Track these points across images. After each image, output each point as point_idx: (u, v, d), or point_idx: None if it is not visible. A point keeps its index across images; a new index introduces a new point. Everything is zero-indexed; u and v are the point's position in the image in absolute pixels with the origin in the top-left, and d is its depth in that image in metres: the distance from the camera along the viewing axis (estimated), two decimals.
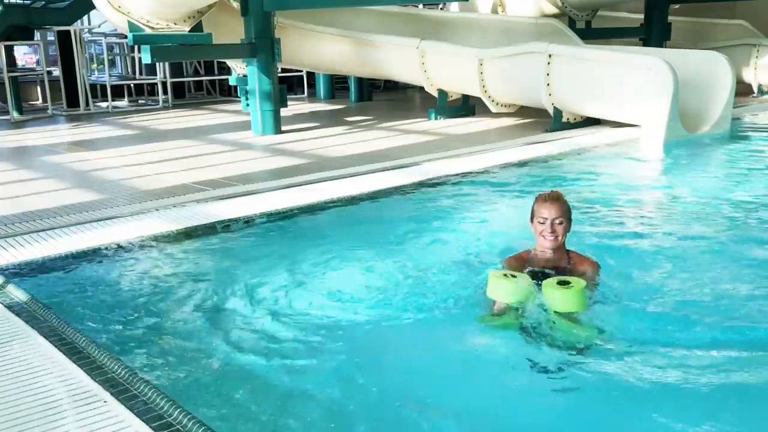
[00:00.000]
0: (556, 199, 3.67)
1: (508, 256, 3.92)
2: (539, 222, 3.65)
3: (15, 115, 13.13)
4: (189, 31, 10.04)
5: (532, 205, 3.74)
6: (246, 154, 8.94)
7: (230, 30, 10.49)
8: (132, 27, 9.76)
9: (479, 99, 11.20)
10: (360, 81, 15.22)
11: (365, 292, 3.94)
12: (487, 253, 4.39)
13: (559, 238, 3.64)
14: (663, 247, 4.71)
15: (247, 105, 11.00)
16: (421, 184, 6.61)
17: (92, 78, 16.25)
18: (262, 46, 10.04)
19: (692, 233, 5.04)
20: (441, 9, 16.47)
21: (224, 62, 14.93)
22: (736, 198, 6.09)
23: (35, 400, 2.67)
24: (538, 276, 3.54)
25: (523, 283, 3.37)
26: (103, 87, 15.37)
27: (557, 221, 3.62)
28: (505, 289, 3.37)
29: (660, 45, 13.86)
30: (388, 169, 7.24)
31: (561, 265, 3.73)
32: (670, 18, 14.61)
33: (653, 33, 14.26)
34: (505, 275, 3.42)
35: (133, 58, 16.95)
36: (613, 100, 9.47)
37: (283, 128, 10.60)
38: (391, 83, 17.84)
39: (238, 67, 12.14)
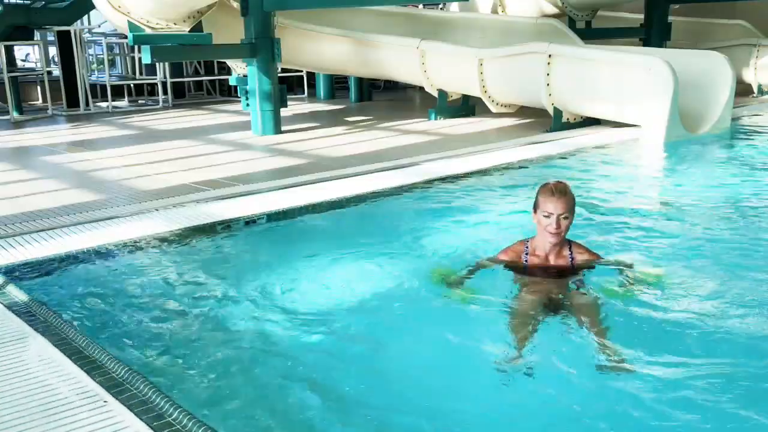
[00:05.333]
0: (563, 193, 3.56)
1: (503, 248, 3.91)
2: (544, 216, 3.57)
3: (15, 115, 13.13)
4: (189, 31, 10.04)
5: (537, 195, 3.66)
6: (246, 154, 8.94)
7: (230, 30, 10.49)
8: (132, 27, 9.76)
9: (479, 99, 11.19)
10: (360, 81, 15.23)
11: (365, 291, 3.94)
12: (486, 252, 4.38)
13: (563, 233, 3.61)
14: (663, 247, 4.71)
15: (247, 105, 11.00)
16: (421, 184, 6.61)
17: (92, 78, 16.24)
18: (262, 46, 10.04)
19: (692, 234, 5.04)
20: (441, 9, 16.47)
21: (224, 62, 14.93)
22: (737, 198, 6.09)
23: (35, 400, 2.67)
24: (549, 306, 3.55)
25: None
26: (103, 87, 15.36)
27: (563, 216, 3.54)
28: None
29: (660, 45, 13.86)
30: (388, 169, 7.24)
31: (561, 263, 3.71)
32: (670, 18, 14.61)
33: (653, 33, 14.26)
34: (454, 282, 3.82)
35: (133, 58, 16.93)
36: (613, 100, 9.47)
37: (283, 128, 10.61)
38: (391, 83, 17.84)
39: (238, 67, 12.14)
